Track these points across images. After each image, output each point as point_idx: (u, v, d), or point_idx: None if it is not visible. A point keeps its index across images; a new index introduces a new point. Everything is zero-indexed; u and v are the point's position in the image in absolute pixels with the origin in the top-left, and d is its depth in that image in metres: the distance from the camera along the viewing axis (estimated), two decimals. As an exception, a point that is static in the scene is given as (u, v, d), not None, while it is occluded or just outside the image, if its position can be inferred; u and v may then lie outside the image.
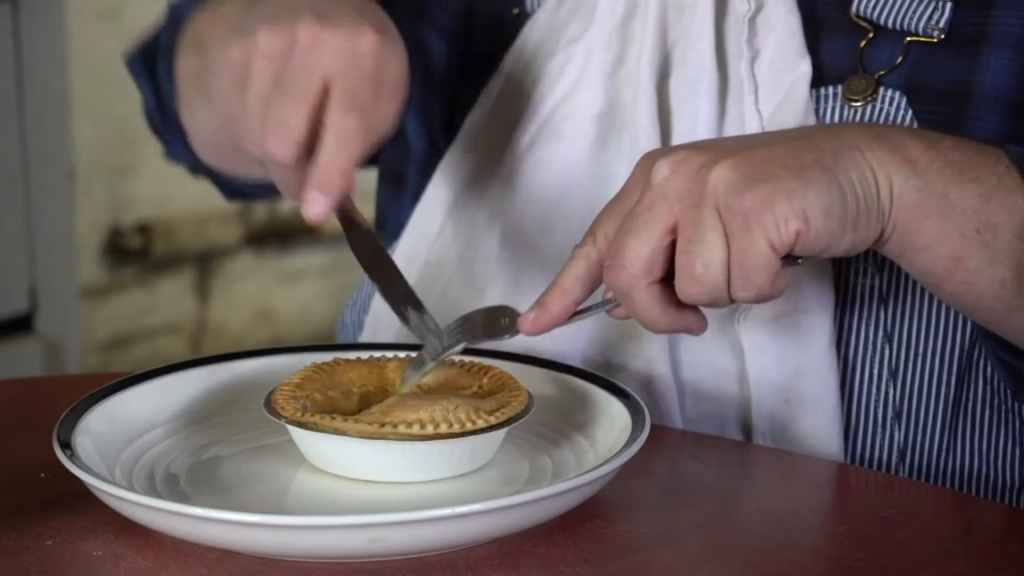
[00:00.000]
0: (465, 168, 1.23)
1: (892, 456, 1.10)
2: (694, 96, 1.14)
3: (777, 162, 0.94)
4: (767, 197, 0.93)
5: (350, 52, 1.00)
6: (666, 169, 0.96)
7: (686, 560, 0.91)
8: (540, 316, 0.98)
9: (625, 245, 0.95)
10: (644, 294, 0.96)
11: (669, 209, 0.95)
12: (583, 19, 1.18)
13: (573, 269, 0.99)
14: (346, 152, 0.98)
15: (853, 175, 0.96)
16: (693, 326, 0.99)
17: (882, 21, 1.11)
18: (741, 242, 0.93)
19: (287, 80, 0.99)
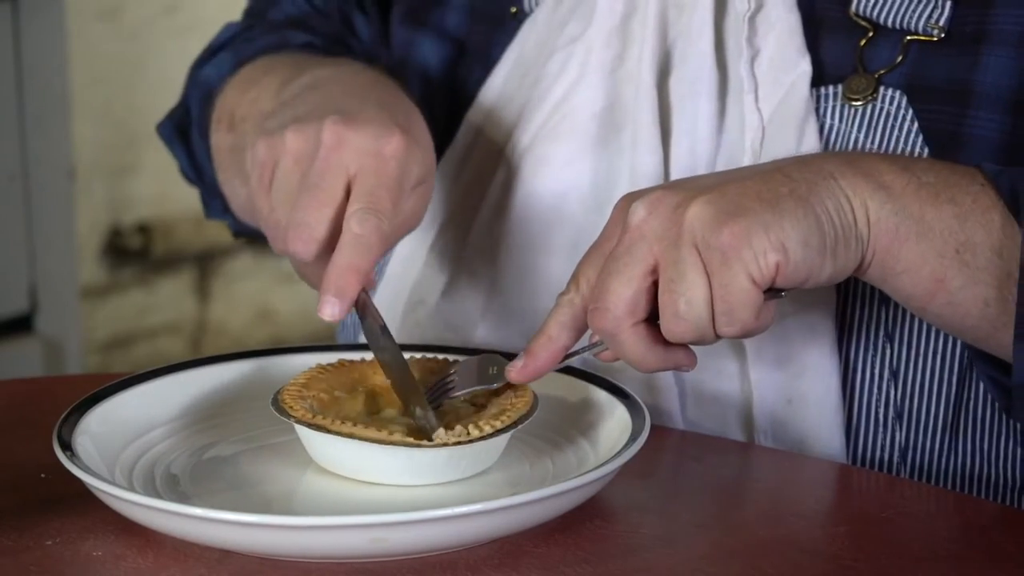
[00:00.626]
0: (465, 167, 1.23)
1: (893, 456, 1.10)
2: (694, 95, 1.14)
3: (752, 195, 0.95)
4: (744, 231, 0.94)
5: (374, 155, 1.02)
6: (642, 210, 0.96)
7: (686, 560, 0.91)
8: (528, 365, 0.99)
9: (607, 288, 0.96)
10: (630, 335, 0.97)
11: (648, 249, 0.96)
12: (583, 18, 1.18)
13: (558, 316, 1.00)
14: (362, 258, 1.00)
15: (829, 203, 0.96)
16: (682, 363, 1.00)
17: (882, 20, 1.11)
18: (722, 278, 0.94)
19: (311, 180, 1.01)
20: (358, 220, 1.00)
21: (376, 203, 1.01)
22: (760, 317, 0.96)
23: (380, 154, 1.02)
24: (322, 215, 1.01)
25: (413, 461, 0.95)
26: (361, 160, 1.02)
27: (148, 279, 3.32)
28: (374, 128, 1.02)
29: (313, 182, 1.01)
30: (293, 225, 1.01)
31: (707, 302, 0.95)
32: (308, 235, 1.01)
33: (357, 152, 1.02)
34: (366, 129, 1.02)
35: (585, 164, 1.16)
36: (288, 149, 1.02)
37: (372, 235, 1.00)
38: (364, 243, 1.00)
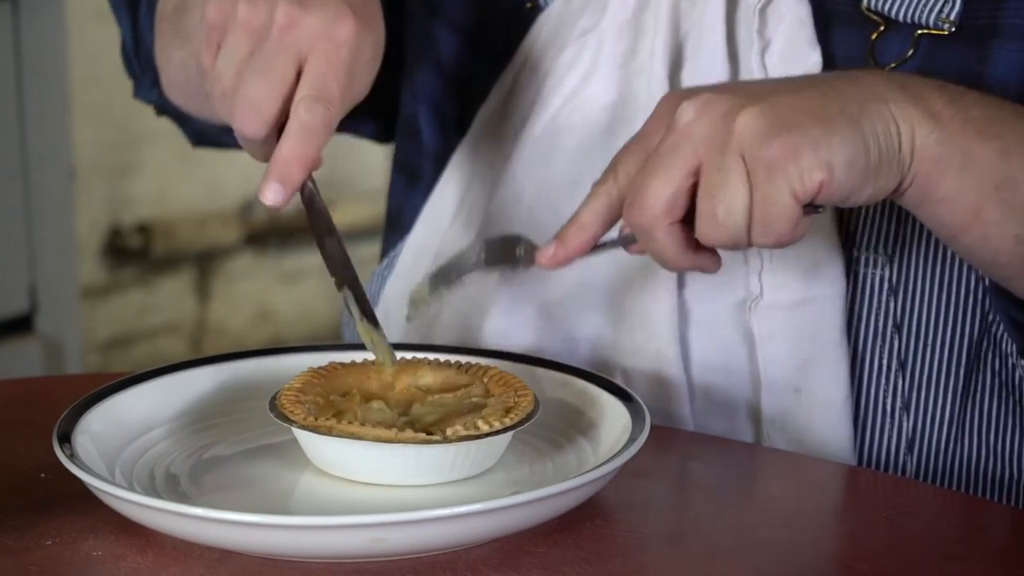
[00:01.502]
0: (477, 160, 1.23)
1: (900, 447, 1.11)
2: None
3: (804, 111, 0.95)
4: (793, 147, 0.94)
5: (326, 38, 1.01)
6: (692, 111, 0.96)
7: (686, 560, 0.91)
8: (559, 250, 1.00)
9: (647, 185, 0.96)
10: (664, 234, 0.97)
11: (693, 151, 0.95)
12: (595, 11, 1.19)
13: (593, 205, 1.00)
14: (308, 146, 1.00)
15: (878, 126, 0.96)
16: (708, 266, 1.00)
17: (893, 14, 1.11)
18: (764, 190, 0.94)
19: (261, 58, 1.01)
20: (306, 108, 1.00)
21: (325, 90, 1.01)
22: (796, 231, 0.96)
23: (332, 38, 1.01)
24: (271, 96, 1.00)
25: (422, 459, 0.95)
26: (313, 43, 1.01)
27: (148, 279, 3.32)
28: (327, 11, 1.02)
29: (264, 62, 1.01)
30: (241, 100, 1.01)
31: (746, 211, 0.95)
32: (257, 115, 1.00)
33: (309, 35, 1.01)
34: (320, 12, 1.01)
35: (597, 156, 1.17)
36: (239, 20, 1.02)
37: (319, 123, 1.00)
38: (311, 131, 1.00)
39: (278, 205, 1.00)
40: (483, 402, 1.00)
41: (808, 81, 1.00)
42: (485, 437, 0.95)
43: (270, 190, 1.00)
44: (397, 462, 0.95)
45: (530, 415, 0.97)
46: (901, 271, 1.10)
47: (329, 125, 1.01)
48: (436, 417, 0.98)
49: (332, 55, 1.01)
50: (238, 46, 1.02)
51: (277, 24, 1.01)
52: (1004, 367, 1.10)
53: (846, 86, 0.98)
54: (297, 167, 1.00)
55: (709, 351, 1.13)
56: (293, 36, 1.01)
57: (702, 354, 1.13)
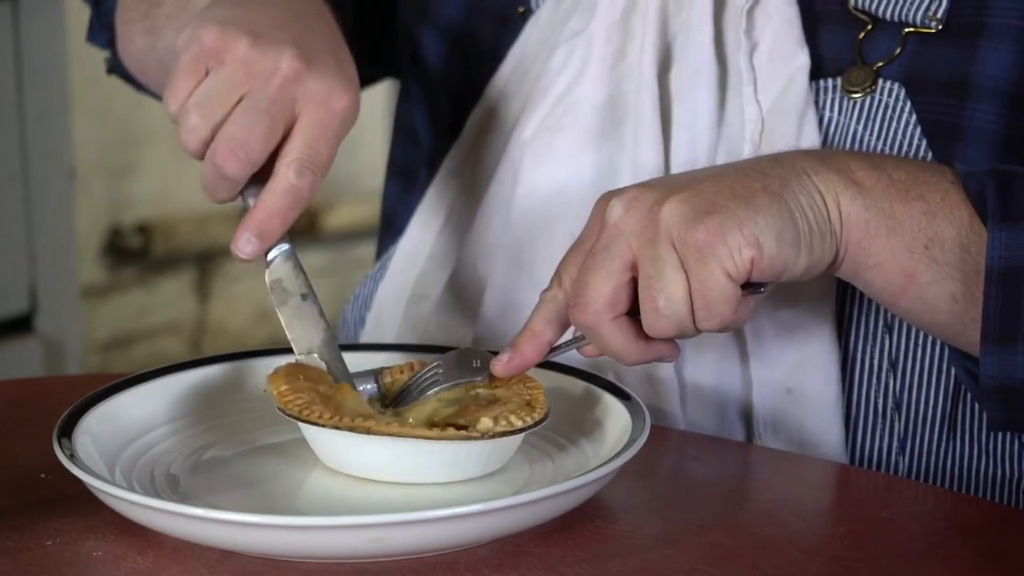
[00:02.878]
0: (469, 162, 1.24)
1: (892, 447, 1.11)
2: (694, 87, 1.15)
3: (725, 192, 0.97)
4: (718, 228, 0.95)
5: (323, 105, 1.02)
6: (620, 208, 0.98)
7: (686, 560, 0.91)
8: (514, 359, 1.01)
9: (587, 283, 0.98)
10: (610, 329, 0.98)
11: (627, 246, 0.97)
12: (584, 13, 1.19)
13: (542, 312, 1.01)
14: (291, 207, 1.01)
15: (802, 199, 0.98)
16: (665, 354, 1.01)
17: (880, 13, 1.11)
18: (699, 274, 0.96)
19: (256, 102, 1.01)
20: (296, 171, 1.01)
21: (315, 157, 1.01)
22: (738, 311, 0.97)
23: (330, 106, 1.02)
24: (261, 140, 1.01)
25: (460, 456, 0.96)
26: (310, 106, 1.02)
27: (148, 279, 3.32)
28: (329, 77, 1.03)
29: (258, 105, 1.01)
30: (229, 140, 1.00)
31: (686, 298, 0.96)
32: (244, 155, 1.00)
33: (309, 95, 1.02)
34: (322, 76, 1.02)
35: (587, 157, 1.17)
36: (241, 57, 1.02)
37: (306, 188, 1.01)
38: (296, 194, 1.01)
39: (249, 256, 1.01)
40: (494, 397, 1.00)
41: (731, 166, 1.02)
42: (524, 432, 0.96)
43: (244, 239, 1.01)
44: (433, 459, 0.95)
45: (546, 416, 0.98)
46: None
47: (312, 191, 1.02)
48: (451, 411, 0.99)
49: (327, 122, 1.02)
50: (233, 83, 1.01)
51: (281, 74, 1.01)
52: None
53: (767, 165, 0.99)
54: (278, 224, 1.01)
55: (700, 350, 1.13)
56: (294, 90, 1.02)
57: (693, 353, 1.13)
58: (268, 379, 0.99)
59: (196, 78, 1.02)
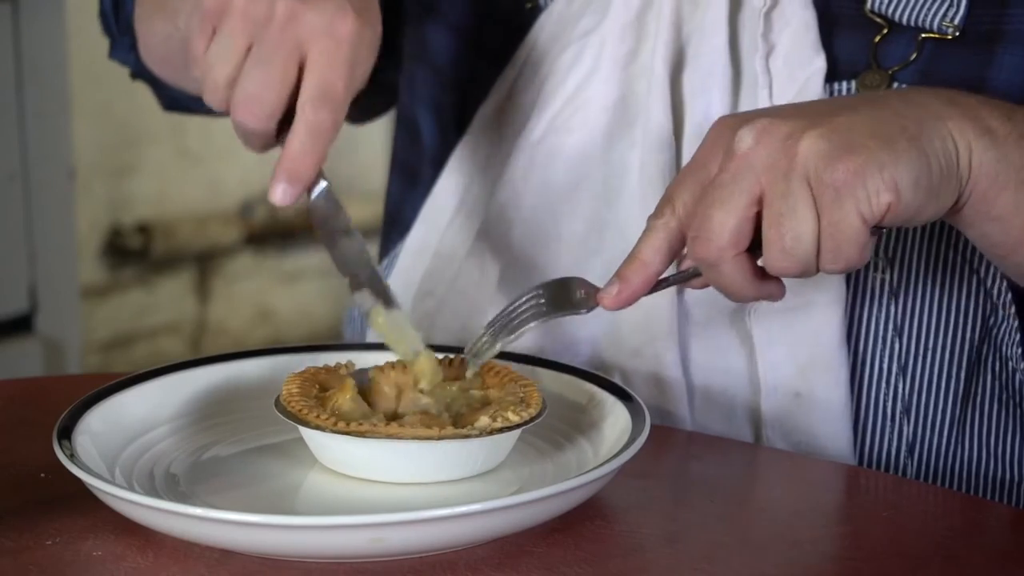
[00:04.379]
0: (476, 159, 1.23)
1: (901, 450, 1.11)
2: (706, 89, 1.14)
3: (865, 132, 0.93)
4: (859, 169, 0.92)
5: (328, 35, 1.01)
6: (750, 137, 0.94)
7: (686, 560, 0.91)
8: (623, 291, 0.98)
9: (710, 217, 0.94)
10: (731, 266, 0.95)
11: (756, 179, 0.94)
12: (597, 11, 1.19)
13: (652, 240, 0.98)
14: (318, 144, 1.01)
15: (937, 144, 0.95)
16: (775, 294, 0.98)
17: (896, 17, 1.11)
18: (833, 215, 0.92)
19: (262, 51, 1.01)
20: (313, 107, 1.00)
21: (330, 89, 1.01)
22: (864, 253, 0.94)
23: (333, 34, 1.01)
24: (273, 90, 1.00)
25: (460, 454, 0.96)
26: (314, 38, 1.01)
27: (148, 279, 3.32)
28: (328, 7, 1.01)
29: (266, 55, 1.01)
30: (243, 96, 1.01)
31: (814, 238, 0.93)
32: (259, 109, 1.01)
33: (311, 30, 1.01)
34: (320, 7, 1.01)
35: (596, 156, 1.17)
36: (238, 9, 1.01)
37: (327, 123, 1.00)
38: (319, 130, 1.00)
39: (287, 203, 1.01)
40: (487, 398, 1.00)
41: (862, 101, 0.98)
42: (521, 427, 0.96)
43: (279, 189, 1.01)
44: (432, 459, 0.95)
45: (540, 413, 0.98)
46: (902, 275, 1.10)
47: (336, 124, 1.01)
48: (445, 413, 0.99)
49: (334, 52, 1.01)
50: (236, 36, 1.01)
51: (278, 17, 1.01)
52: (1004, 371, 1.10)
53: (900, 105, 0.96)
54: (306, 166, 1.01)
55: (708, 353, 1.13)
56: (294, 30, 1.01)
57: (701, 356, 1.13)
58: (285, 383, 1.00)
59: (206, 38, 1.03)
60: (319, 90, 1.00)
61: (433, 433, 0.94)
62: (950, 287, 1.09)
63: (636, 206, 1.15)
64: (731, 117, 0.98)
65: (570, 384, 1.05)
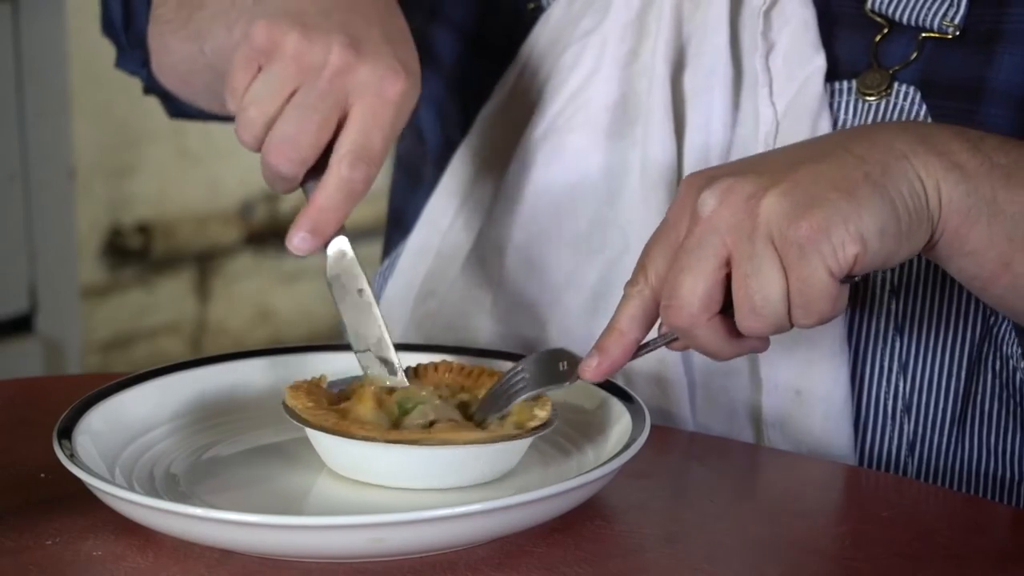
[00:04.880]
0: (478, 160, 1.23)
1: (901, 449, 1.11)
2: (708, 88, 1.14)
3: (826, 184, 0.93)
4: (823, 224, 0.92)
5: (376, 94, 1.00)
6: (713, 200, 0.94)
7: (686, 560, 0.91)
8: (602, 362, 0.98)
9: (680, 284, 0.95)
10: (705, 330, 0.96)
11: (721, 242, 0.94)
12: (598, 11, 1.19)
13: (628, 309, 0.98)
14: (346, 202, 1.00)
15: (903, 187, 0.94)
16: (757, 348, 0.99)
17: (897, 17, 1.11)
18: (800, 272, 0.93)
19: (307, 97, 1.00)
20: (349, 164, 0.99)
21: (369, 148, 1.00)
22: (836, 305, 0.94)
23: (382, 95, 1.00)
24: (312, 137, 0.99)
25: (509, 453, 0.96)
26: (362, 94, 1.00)
27: (148, 279, 3.32)
28: (381, 65, 1.00)
29: (310, 101, 0.99)
30: (280, 139, 1.00)
31: (784, 296, 0.93)
32: (294, 154, 0.99)
33: (361, 84, 1.00)
34: (374, 64, 1.00)
35: (597, 156, 1.17)
36: (290, 52, 1.00)
37: (360, 181, 1.00)
38: (351, 188, 1.00)
39: (303, 253, 1.00)
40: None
41: (824, 148, 0.97)
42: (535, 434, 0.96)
43: (299, 238, 1.00)
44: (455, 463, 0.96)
45: (550, 420, 0.98)
46: (902, 274, 1.10)
47: (368, 183, 1.00)
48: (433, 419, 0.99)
49: (380, 112, 1.00)
50: (284, 79, 1.00)
51: (331, 67, 0.99)
52: (1005, 369, 1.10)
53: (863, 148, 0.95)
54: (331, 221, 1.00)
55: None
56: (344, 82, 1.00)
57: (703, 360, 1.13)
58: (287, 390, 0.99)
59: (250, 74, 1.01)
60: (357, 147, 0.99)
61: (486, 436, 0.94)
62: (950, 286, 1.09)
63: (638, 205, 1.15)
64: (697, 175, 0.98)
65: (571, 385, 1.05)
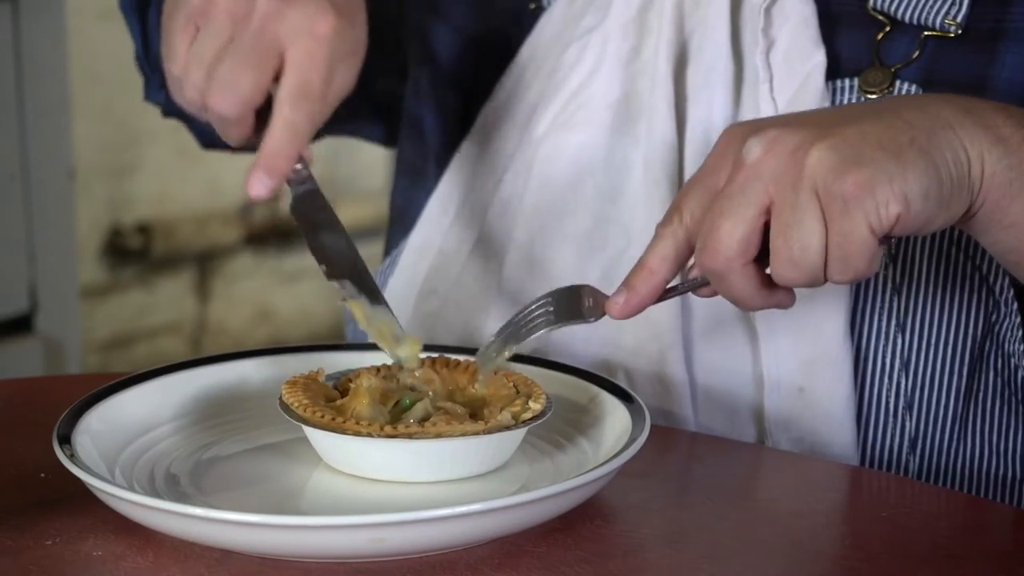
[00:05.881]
0: (480, 157, 1.24)
1: (903, 446, 1.11)
2: (709, 85, 1.14)
3: (875, 143, 0.93)
4: (868, 181, 0.91)
5: (307, 33, 1.03)
6: (759, 148, 0.94)
7: (686, 560, 0.91)
8: (630, 299, 0.98)
9: (718, 227, 0.94)
10: (739, 276, 0.95)
11: (764, 190, 0.93)
12: (599, 9, 1.19)
13: (659, 249, 0.97)
14: (294, 142, 1.03)
15: (948, 154, 0.94)
16: (784, 302, 0.98)
17: (899, 15, 1.11)
18: (841, 226, 0.92)
19: (243, 44, 1.02)
20: (291, 105, 1.02)
21: (308, 87, 1.02)
22: (872, 264, 0.94)
23: (313, 33, 1.03)
24: (251, 81, 1.02)
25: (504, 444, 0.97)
26: (294, 37, 1.03)
27: (148, 279, 3.32)
28: (309, 6, 1.03)
29: (245, 46, 1.02)
30: (219, 83, 1.03)
31: (822, 249, 0.93)
32: (233, 94, 1.02)
33: (291, 27, 1.03)
34: (301, 6, 1.03)
35: (599, 153, 1.17)
36: (220, 7, 1.03)
37: (303, 119, 1.02)
38: (296, 127, 1.02)
39: (263, 194, 1.03)
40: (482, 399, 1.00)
41: (873, 110, 0.97)
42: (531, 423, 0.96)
43: (256, 180, 1.02)
44: (453, 455, 0.96)
45: (543, 412, 0.98)
46: (905, 270, 1.10)
47: (313, 121, 1.03)
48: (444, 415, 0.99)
49: (313, 50, 1.03)
50: (218, 32, 1.03)
51: (259, 13, 1.02)
52: (1007, 367, 1.10)
53: (912, 114, 0.95)
54: (283, 161, 1.02)
55: (713, 351, 1.13)
56: (275, 27, 1.02)
57: (705, 354, 1.13)
58: (284, 387, 0.99)
59: (189, 35, 1.04)
60: (297, 88, 1.02)
61: (481, 428, 0.95)
62: (953, 283, 1.09)
63: (640, 203, 1.15)
64: (740, 125, 0.97)
65: (571, 384, 1.05)
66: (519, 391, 1.00)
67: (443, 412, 0.98)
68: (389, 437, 0.94)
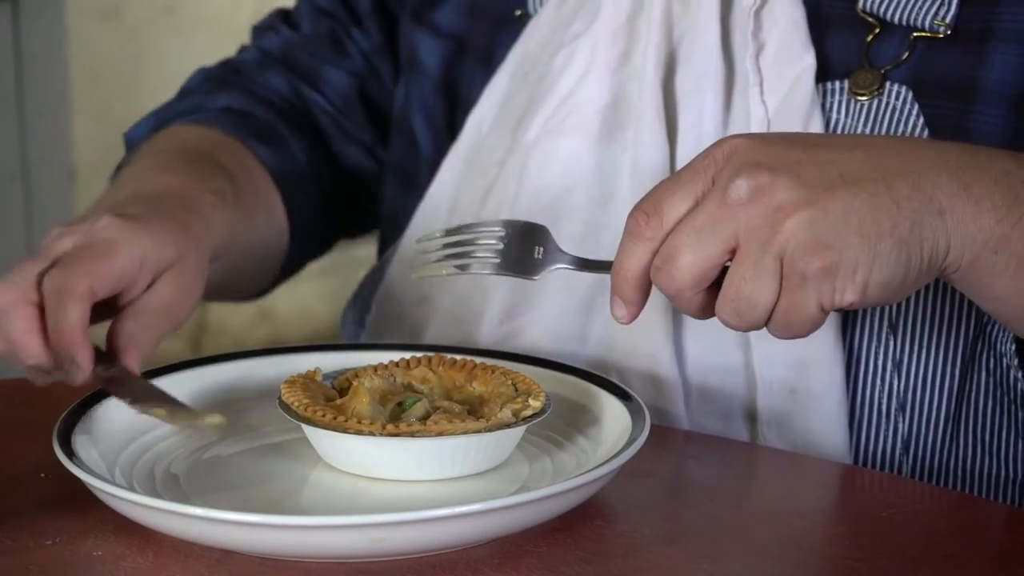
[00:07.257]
0: (468, 164, 1.24)
1: (896, 447, 1.11)
2: (700, 90, 1.14)
3: (854, 224, 0.92)
4: (832, 267, 0.92)
5: (83, 237, 1.03)
6: (745, 191, 0.93)
7: (686, 560, 0.91)
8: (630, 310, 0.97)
9: (680, 256, 0.94)
10: (687, 301, 0.95)
11: (734, 234, 0.93)
12: (587, 15, 1.19)
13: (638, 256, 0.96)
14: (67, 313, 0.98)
15: (926, 244, 0.94)
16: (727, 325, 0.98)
17: (888, 17, 1.12)
18: (793, 297, 0.93)
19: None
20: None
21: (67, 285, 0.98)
22: (813, 329, 0.95)
23: (90, 239, 1.02)
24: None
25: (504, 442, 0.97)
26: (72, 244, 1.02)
27: (148, 279, 3.31)
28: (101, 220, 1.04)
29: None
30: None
31: (769, 309, 0.93)
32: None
33: (71, 238, 1.03)
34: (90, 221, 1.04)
35: (590, 159, 1.17)
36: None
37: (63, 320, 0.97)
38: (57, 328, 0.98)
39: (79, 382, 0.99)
40: (479, 397, 1.01)
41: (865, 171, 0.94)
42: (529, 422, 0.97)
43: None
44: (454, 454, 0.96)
45: (541, 411, 0.98)
46: None
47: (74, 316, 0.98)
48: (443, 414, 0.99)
49: (87, 253, 1.01)
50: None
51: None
52: (999, 367, 1.10)
53: (906, 191, 0.93)
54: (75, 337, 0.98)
55: (704, 351, 1.13)
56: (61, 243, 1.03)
57: (697, 354, 1.13)
58: (282, 386, 0.99)
59: None
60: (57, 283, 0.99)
61: (481, 426, 0.95)
62: (944, 285, 1.10)
63: (630, 208, 1.14)
64: (742, 144, 0.95)
65: (570, 384, 1.05)
66: (518, 389, 1.00)
67: (442, 411, 0.98)
68: (391, 436, 0.94)
